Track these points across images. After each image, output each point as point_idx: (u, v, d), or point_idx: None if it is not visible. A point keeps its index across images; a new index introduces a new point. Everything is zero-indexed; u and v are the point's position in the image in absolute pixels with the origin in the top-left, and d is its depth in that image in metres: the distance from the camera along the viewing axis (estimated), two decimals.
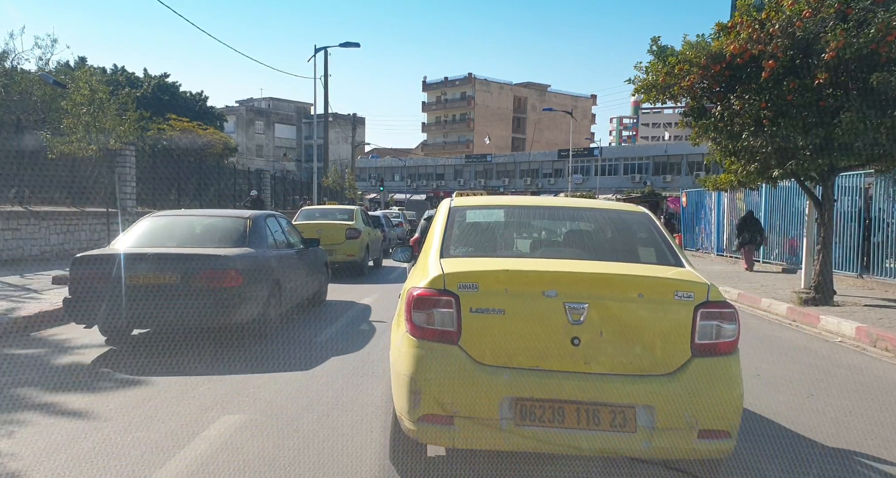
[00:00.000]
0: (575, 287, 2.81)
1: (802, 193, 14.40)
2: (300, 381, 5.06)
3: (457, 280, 2.83)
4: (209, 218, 7.39)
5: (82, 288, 5.70)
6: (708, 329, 2.82)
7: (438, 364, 2.77)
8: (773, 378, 5.50)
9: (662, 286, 2.89)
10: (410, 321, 2.87)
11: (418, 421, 2.77)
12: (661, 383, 2.75)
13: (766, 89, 8.85)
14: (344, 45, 23.92)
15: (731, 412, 2.78)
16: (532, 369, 2.76)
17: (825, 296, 9.15)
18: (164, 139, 25.94)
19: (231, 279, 5.80)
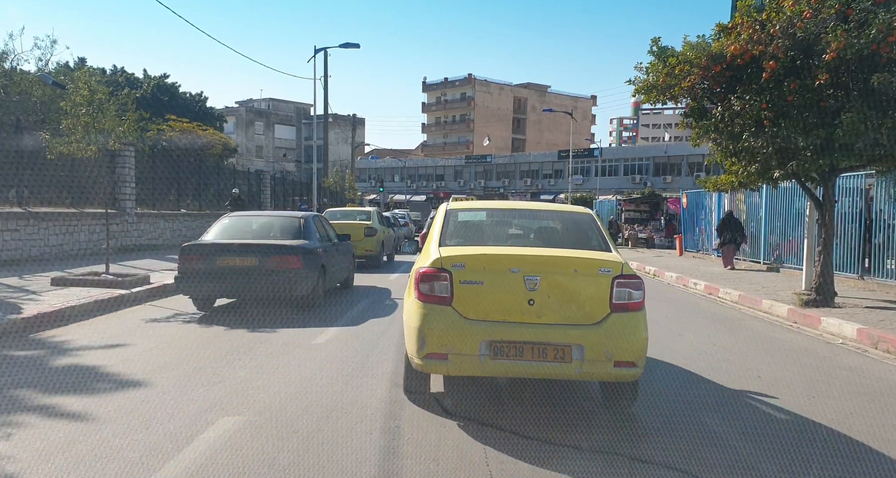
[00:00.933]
0: (531, 265, 4.04)
1: (803, 194, 14.44)
2: (300, 382, 5.04)
3: (450, 262, 4.08)
4: (273, 217, 9.63)
5: (187, 269, 7.76)
6: (622, 294, 4.03)
7: (438, 319, 3.98)
8: (774, 380, 5.48)
9: (591, 264, 4.13)
10: (418, 290, 4.10)
11: (424, 358, 4.01)
12: (589, 329, 3.95)
13: (767, 90, 8.83)
14: (344, 45, 23.91)
15: (637, 350, 3.96)
16: (501, 321, 3.99)
17: (826, 298, 9.13)
18: (164, 140, 25.93)
19: (294, 263, 7.90)
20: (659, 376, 5.56)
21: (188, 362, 5.61)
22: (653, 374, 5.62)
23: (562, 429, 4.07)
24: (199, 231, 19.88)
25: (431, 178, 70.88)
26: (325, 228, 9.90)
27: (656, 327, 8.01)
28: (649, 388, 5.17)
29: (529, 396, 4.79)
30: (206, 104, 45.84)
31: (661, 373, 5.66)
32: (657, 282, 14.42)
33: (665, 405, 4.73)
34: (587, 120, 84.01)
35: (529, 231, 5.16)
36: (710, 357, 6.43)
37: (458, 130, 78.89)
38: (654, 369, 5.77)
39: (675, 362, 6.12)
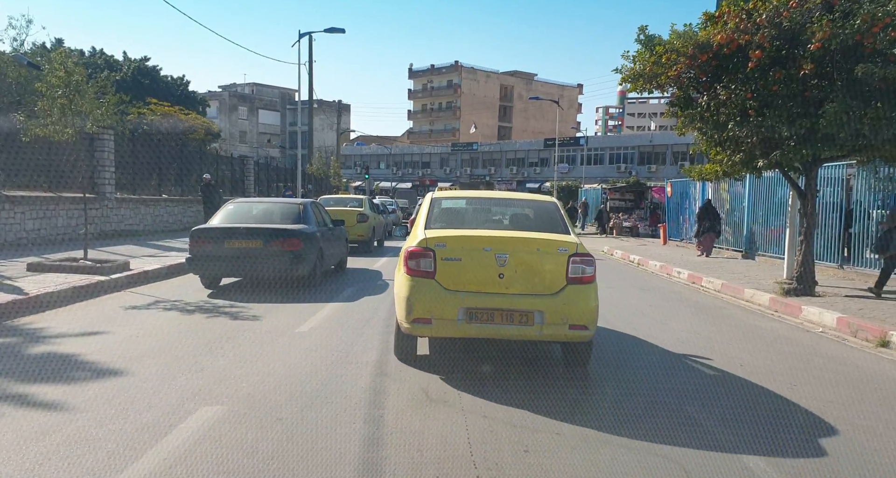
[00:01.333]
0: (501, 245, 4.74)
1: (785, 184, 14.57)
2: (283, 370, 4.98)
3: (434, 242, 4.77)
4: (274, 204, 10.44)
5: (197, 251, 8.56)
6: (576, 269, 4.72)
7: (423, 290, 4.68)
8: (755, 368, 5.53)
9: (551, 245, 4.81)
10: (406, 266, 4.78)
11: (412, 322, 4.71)
12: (548, 298, 4.65)
13: (753, 80, 8.85)
14: (329, 30, 23.55)
15: (589, 315, 4.68)
16: (476, 292, 4.67)
17: (807, 287, 9.24)
18: (145, 124, 25.45)
19: (296, 245, 8.68)
20: (642, 365, 5.58)
21: (168, 351, 5.52)
22: (636, 362, 5.65)
23: (545, 415, 4.07)
24: (181, 217, 19.77)
25: (417, 165, 70.59)
26: (322, 214, 10.61)
27: (640, 317, 8.09)
28: (632, 376, 5.21)
29: (513, 383, 4.78)
30: (189, 88, 45.10)
31: (644, 361, 5.69)
32: (641, 271, 14.51)
33: (648, 393, 4.75)
34: (573, 108, 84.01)
35: (503, 216, 6.09)
36: (693, 346, 6.47)
37: (445, 118, 78.49)
38: (637, 358, 5.80)
39: (658, 350, 6.15)
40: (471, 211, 5.84)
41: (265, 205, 10.36)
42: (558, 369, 5.30)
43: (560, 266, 4.69)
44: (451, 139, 73.70)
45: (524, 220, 5.79)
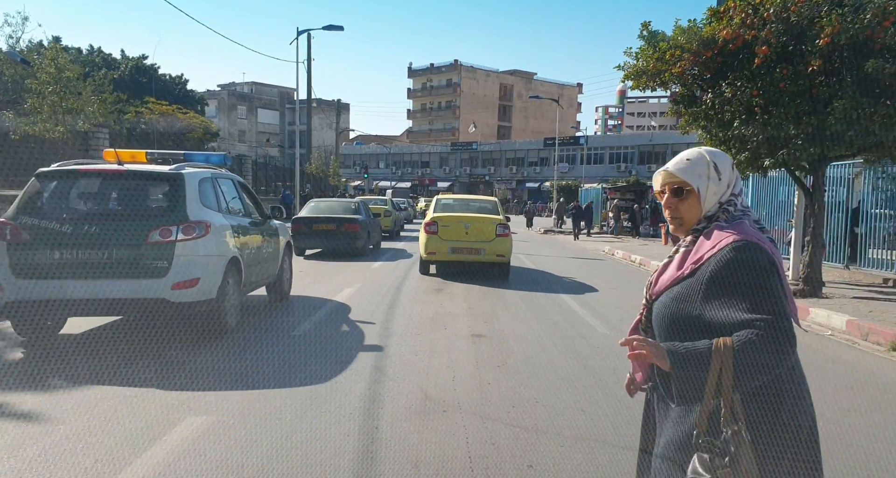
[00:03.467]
0: (467, 220, 10.61)
1: (788, 183, 14.36)
2: (275, 375, 4.79)
3: (436, 218, 10.73)
4: (339, 202, 15.99)
5: (296, 231, 12.27)
6: (499, 230, 10.59)
7: (432, 239, 10.57)
8: None
9: (489, 220, 10.69)
10: (425, 229, 10.71)
11: (427, 254, 10.74)
12: (487, 243, 10.48)
13: (759, 76, 8.65)
14: (327, 27, 23.34)
15: (505, 250, 10.55)
16: (455, 240, 10.49)
17: (814, 288, 9.04)
18: (143, 123, 25.25)
19: (355, 228, 13.66)
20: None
21: (157, 352, 5.31)
22: None
23: (546, 417, 3.88)
24: None
25: (417, 164, 70.38)
26: (367, 209, 15.54)
27: None
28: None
29: (513, 384, 4.59)
30: (187, 87, 44.81)
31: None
32: (644, 272, 14.30)
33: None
34: (573, 108, 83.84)
35: (470, 207, 11.79)
36: None
37: (444, 117, 78.28)
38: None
39: None
40: (455, 204, 12.22)
41: (333, 203, 15.94)
42: (558, 369, 5.10)
43: (493, 228, 10.62)
44: (450, 138, 73.50)
45: (480, 208, 11.72)
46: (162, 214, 5.62)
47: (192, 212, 5.58)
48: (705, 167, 1.72)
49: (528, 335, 6.56)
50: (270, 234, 7.55)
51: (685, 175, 1.71)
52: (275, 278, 7.68)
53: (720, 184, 1.71)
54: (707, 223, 1.71)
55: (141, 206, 5.75)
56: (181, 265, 5.35)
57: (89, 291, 5.14)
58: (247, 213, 7.10)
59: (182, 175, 5.76)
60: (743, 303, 1.54)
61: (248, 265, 6.47)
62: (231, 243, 6.07)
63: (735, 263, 1.57)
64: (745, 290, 1.54)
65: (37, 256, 5.16)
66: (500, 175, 63.04)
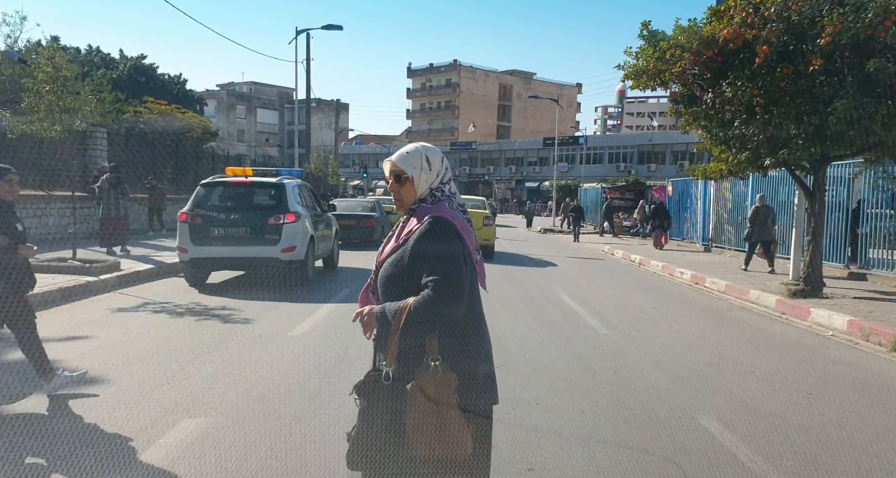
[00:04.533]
0: None
1: (789, 183, 14.35)
2: (272, 379, 4.74)
3: None
4: (357, 201, 18.54)
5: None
6: (486, 221, 14.54)
7: None
8: (768, 375, 5.29)
9: (480, 213, 14.33)
10: None
11: None
12: (479, 230, 12.34)
13: (760, 76, 8.61)
14: (326, 27, 23.29)
15: (491, 236, 14.67)
16: None
17: (815, 288, 9.01)
18: (142, 123, 25.21)
19: (373, 223, 15.81)
20: (648, 370, 5.34)
21: (153, 357, 5.27)
22: (641, 366, 5.40)
23: (546, 418, 3.84)
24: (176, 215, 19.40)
25: None
26: (381, 207, 17.51)
27: (645, 319, 7.85)
28: (637, 380, 4.95)
29: (513, 385, 4.54)
30: (186, 86, 44.67)
31: (651, 366, 5.45)
32: (643, 271, 14.27)
33: (653, 399, 4.49)
34: (572, 108, 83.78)
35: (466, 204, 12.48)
36: (700, 351, 6.23)
37: (443, 117, 78.23)
38: (642, 362, 5.55)
39: (665, 355, 5.92)
40: None
41: (352, 202, 18.52)
42: (558, 369, 5.06)
43: (481, 220, 13.86)
44: (449, 138, 73.44)
45: (472, 205, 14.49)
46: (274, 207, 9.05)
47: (291, 206, 9.05)
48: (419, 159, 2.07)
49: (527, 336, 6.52)
50: (327, 223, 10.96)
51: (403, 165, 2.06)
52: (329, 253, 11.03)
53: (430, 173, 2.08)
54: (419, 204, 2.09)
55: (262, 202, 9.32)
56: (286, 238, 8.85)
57: (234, 252, 8.86)
58: (314, 208, 10.39)
59: (284, 183, 9.31)
60: (427, 266, 1.93)
61: (318, 242, 9.85)
62: (310, 226, 9.44)
63: (428, 234, 1.97)
64: (431, 255, 1.94)
65: (204, 231, 8.76)
66: (499, 175, 62.99)
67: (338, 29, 23.18)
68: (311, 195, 10.55)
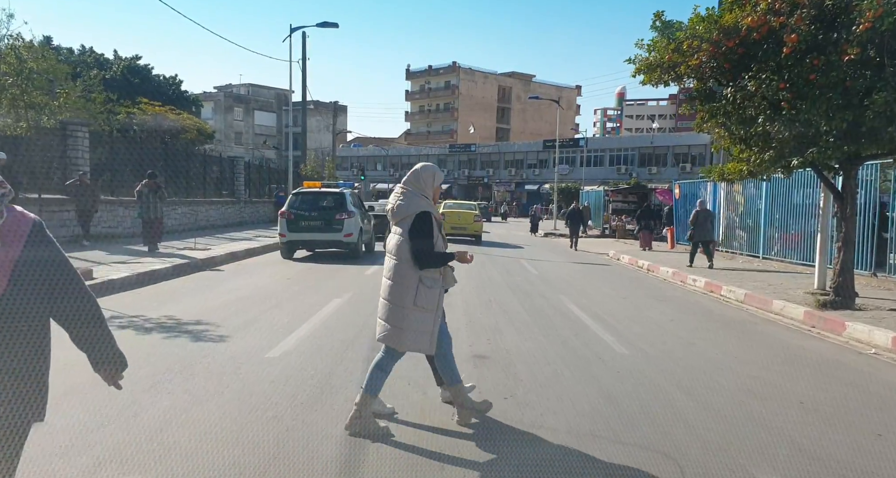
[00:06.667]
0: (459, 213, 21.91)
1: (804, 186, 13.64)
2: (237, 416, 4.01)
3: (445, 212, 20.90)
4: (377, 203, 21.81)
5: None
6: (476, 218, 21.89)
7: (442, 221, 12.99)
8: (819, 407, 4.56)
9: (471, 213, 21.94)
10: None
11: None
12: (470, 224, 21.35)
13: (786, 68, 7.91)
14: (321, 24, 22.59)
15: (479, 230, 21.80)
16: (453, 223, 20.65)
17: (846, 299, 8.28)
18: (136, 124, 24.54)
19: None
20: (679, 401, 4.59)
21: (100, 387, 4.49)
22: (672, 397, 4.64)
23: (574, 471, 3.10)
24: (165, 219, 18.63)
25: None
26: None
27: (662, 333, 7.10)
28: (670, 416, 4.18)
29: (525, 426, 3.81)
30: (181, 88, 44.00)
31: (682, 396, 4.70)
32: (652, 278, 13.55)
33: (695, 447, 3.74)
34: (571, 110, 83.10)
35: (462, 206, 22.90)
36: (731, 373, 5.50)
37: (442, 119, 77.56)
38: (672, 390, 4.78)
39: (693, 380, 5.18)
40: (453, 205, 23.37)
41: (373, 204, 22.15)
42: (576, 403, 4.33)
43: (472, 217, 21.31)
44: (448, 140, 72.75)
45: (467, 207, 22.85)
46: (338, 208, 13.58)
47: (348, 207, 13.60)
48: None
49: (536, 356, 5.78)
50: (368, 219, 15.78)
51: None
52: (369, 240, 15.61)
53: None
54: None
55: (330, 204, 13.78)
56: (346, 228, 13.41)
57: (314, 237, 13.57)
58: (361, 208, 15.12)
59: (343, 192, 14.39)
60: None
61: (364, 232, 14.48)
62: (360, 221, 14.05)
63: None
64: None
65: (295, 223, 13.39)
66: (498, 177, 62.24)
67: (333, 26, 22.50)
68: (359, 200, 15.84)
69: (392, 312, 3.82)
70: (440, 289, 3.83)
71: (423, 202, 3.85)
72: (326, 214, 13.50)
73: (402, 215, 3.85)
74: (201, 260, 12.27)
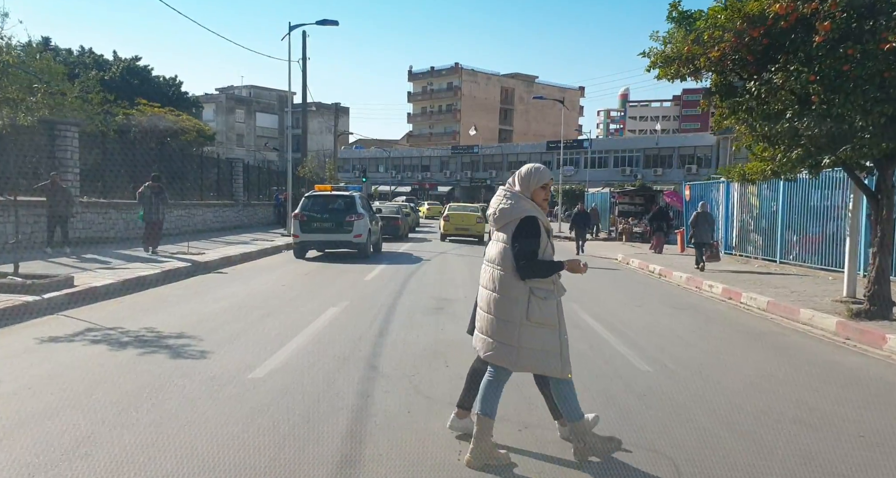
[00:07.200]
0: (462, 213, 23.45)
1: (822, 187, 13.03)
2: (210, 450, 3.43)
3: (449, 214, 23.38)
4: (392, 204, 27.58)
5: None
6: (479, 220, 22.32)
7: (446, 224, 22.97)
8: (882, 438, 3.96)
9: (474, 216, 22.74)
10: (444, 219, 23.41)
11: (444, 231, 23.04)
12: (473, 225, 22.54)
13: (817, 58, 7.31)
14: (321, 22, 22.03)
15: (481, 230, 21.78)
16: (456, 224, 22.84)
17: (882, 308, 7.67)
18: (135, 125, 24.04)
19: (399, 222, 22.27)
20: (719, 433, 3.99)
21: (61, 414, 3.95)
22: (708, 428, 4.04)
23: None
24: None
25: (417, 168, 69.02)
26: (403, 210, 24.27)
27: (685, 347, 6.46)
28: (712, 453, 3.57)
29: (543, 465, 3.23)
30: (181, 89, 43.52)
31: (721, 429, 4.10)
32: (665, 283, 12.94)
33: None
34: (575, 111, 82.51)
35: (466, 209, 23.74)
36: (771, 396, 4.90)
37: (445, 120, 77.04)
38: (706, 419, 4.17)
39: (729, 404, 4.58)
40: (457, 208, 24.13)
41: (389, 205, 25.12)
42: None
43: (475, 219, 22.18)
44: (451, 142, 72.20)
45: (470, 209, 23.54)
46: (348, 210, 14.33)
47: (358, 209, 14.40)
48: None
49: None
50: (376, 221, 16.57)
51: None
52: (377, 241, 16.35)
53: None
54: None
55: (340, 207, 14.51)
56: (356, 229, 14.13)
57: (325, 238, 14.25)
58: (369, 210, 15.82)
59: (353, 195, 15.43)
60: None
61: (372, 233, 15.16)
62: (369, 222, 14.76)
63: None
64: None
65: (308, 224, 14.08)
66: (501, 179, 61.39)
67: (333, 24, 21.95)
68: (367, 202, 16.84)
69: (499, 327, 3.40)
70: (556, 300, 3.40)
71: (529, 205, 3.45)
72: (337, 216, 14.22)
73: (506, 220, 3.45)
74: (193, 265, 11.71)
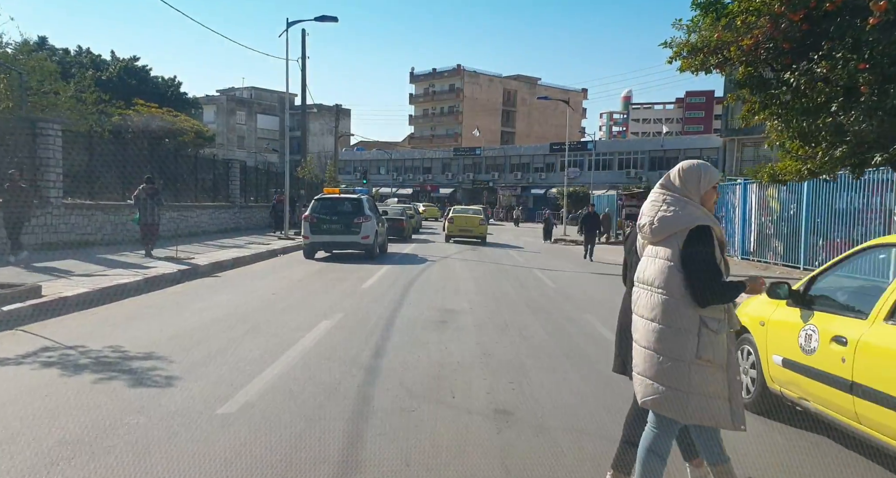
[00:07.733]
0: (465, 215, 24.56)
1: (847, 190, 12.21)
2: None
3: (453, 216, 24.39)
4: (392, 207, 26.57)
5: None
6: (482, 222, 24.27)
7: (450, 225, 23.83)
8: None
9: (476, 218, 24.16)
10: (447, 221, 24.46)
11: (448, 232, 23.88)
12: (476, 227, 23.65)
13: (868, 44, 6.54)
14: (320, 18, 21.28)
15: (484, 232, 24.10)
16: (460, 226, 23.65)
17: None
18: (131, 126, 23.37)
19: (403, 224, 23.50)
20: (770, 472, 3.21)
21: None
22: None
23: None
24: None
25: (419, 170, 68.25)
26: (407, 212, 25.75)
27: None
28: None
29: (551, 458, 2.45)
30: (180, 89, 42.86)
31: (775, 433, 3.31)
32: None
33: None
34: (578, 113, 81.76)
35: (468, 211, 25.34)
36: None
37: (447, 122, 76.36)
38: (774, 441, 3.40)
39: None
40: (460, 210, 25.80)
41: (387, 208, 24.91)
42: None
43: (478, 221, 23.64)
44: (453, 144, 71.47)
45: (473, 212, 25.04)
46: (356, 212, 15.01)
47: (366, 211, 15.13)
48: None
49: (579, 412, 4.40)
50: (383, 222, 17.00)
51: None
52: (383, 242, 16.91)
53: None
54: None
55: (349, 209, 15.11)
56: (363, 231, 14.79)
57: (334, 239, 14.83)
58: (376, 212, 16.45)
59: (361, 197, 16.63)
60: None
61: (379, 234, 15.75)
62: (376, 224, 15.41)
63: None
64: None
65: (317, 225, 14.63)
66: (504, 181, 60.83)
67: (332, 20, 21.22)
68: (374, 204, 17.29)
69: (666, 368, 2.64)
70: (727, 333, 2.68)
71: (699, 212, 2.68)
72: (345, 218, 14.75)
73: (669, 231, 2.66)
74: (180, 271, 10.95)
